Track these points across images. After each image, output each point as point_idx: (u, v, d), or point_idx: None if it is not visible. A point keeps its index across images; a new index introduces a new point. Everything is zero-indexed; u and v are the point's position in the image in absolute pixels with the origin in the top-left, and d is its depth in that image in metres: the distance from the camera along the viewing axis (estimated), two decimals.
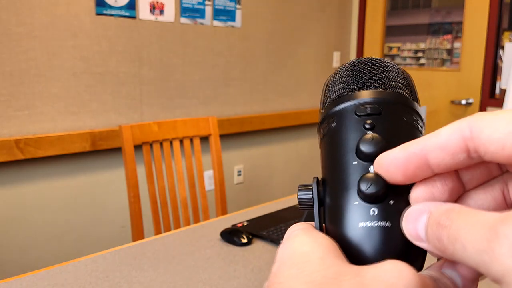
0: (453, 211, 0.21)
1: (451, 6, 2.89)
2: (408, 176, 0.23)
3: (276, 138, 2.94)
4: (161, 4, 2.24)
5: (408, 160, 0.23)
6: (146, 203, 1.83)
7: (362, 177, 0.26)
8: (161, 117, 2.31)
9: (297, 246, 0.25)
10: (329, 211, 0.28)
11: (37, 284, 0.92)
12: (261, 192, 2.90)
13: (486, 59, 2.73)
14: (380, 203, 0.25)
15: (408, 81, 0.32)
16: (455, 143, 0.22)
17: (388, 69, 0.31)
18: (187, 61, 2.39)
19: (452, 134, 0.22)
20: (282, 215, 1.34)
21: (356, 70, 0.31)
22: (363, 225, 0.25)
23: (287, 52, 2.89)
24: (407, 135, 0.28)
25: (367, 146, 0.27)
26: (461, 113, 2.86)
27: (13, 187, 1.90)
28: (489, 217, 0.19)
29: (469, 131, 0.21)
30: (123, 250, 1.09)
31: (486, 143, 0.21)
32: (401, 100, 0.29)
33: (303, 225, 0.28)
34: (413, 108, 0.30)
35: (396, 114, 0.29)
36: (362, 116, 0.28)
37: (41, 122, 1.93)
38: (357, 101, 0.29)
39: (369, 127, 0.28)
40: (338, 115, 0.30)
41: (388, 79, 0.30)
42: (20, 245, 1.94)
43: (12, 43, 1.82)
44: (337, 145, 0.29)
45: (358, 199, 0.26)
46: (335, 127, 0.29)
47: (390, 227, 0.25)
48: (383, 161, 0.24)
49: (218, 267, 1.01)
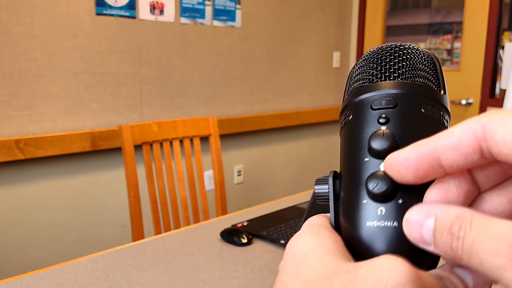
0: (465, 219, 0.20)
1: (451, 6, 2.89)
2: (419, 176, 0.23)
3: (276, 138, 2.94)
4: (161, 4, 2.24)
5: (419, 160, 0.22)
6: (146, 203, 1.83)
7: (370, 176, 0.26)
8: (161, 117, 2.31)
9: (300, 246, 0.25)
10: (342, 206, 0.28)
11: (37, 284, 0.92)
12: (261, 192, 2.90)
13: (486, 59, 2.73)
14: (389, 202, 0.25)
15: (436, 67, 0.30)
16: (468, 144, 0.21)
17: (412, 55, 0.30)
18: (187, 61, 2.39)
19: (465, 134, 0.21)
20: (282, 215, 1.34)
21: (379, 57, 0.30)
22: (371, 225, 0.25)
23: (287, 52, 2.89)
24: (424, 129, 0.27)
25: (377, 143, 0.26)
26: (461, 113, 2.86)
27: (13, 187, 1.90)
28: (507, 230, 0.18)
29: (483, 131, 0.20)
30: (123, 250, 1.09)
31: (499, 144, 0.20)
32: (421, 91, 0.28)
33: (317, 220, 0.28)
34: (435, 99, 0.28)
35: (413, 107, 0.27)
36: (377, 109, 0.28)
37: (41, 122, 1.93)
38: (373, 93, 0.28)
39: (383, 121, 0.27)
40: (355, 107, 0.29)
41: (410, 68, 0.29)
42: (20, 245, 1.94)
43: (12, 43, 1.82)
44: (352, 139, 0.28)
45: (367, 197, 0.26)
46: (351, 120, 0.29)
47: (397, 227, 0.25)
48: (393, 161, 0.23)
49: (218, 267, 1.01)
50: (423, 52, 0.31)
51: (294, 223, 1.27)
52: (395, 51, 0.30)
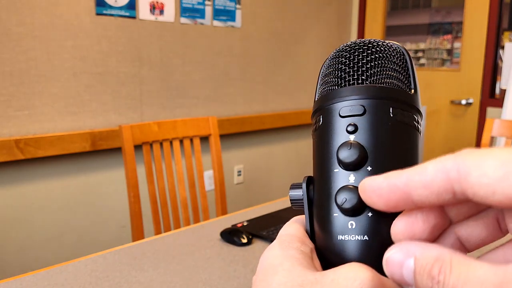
0: (445, 261, 0.19)
1: (451, 6, 2.89)
2: (390, 206, 0.22)
3: (276, 138, 2.94)
4: (161, 4, 2.24)
5: (390, 192, 0.22)
6: (146, 203, 1.83)
7: (340, 190, 0.26)
8: (161, 117, 2.31)
9: (270, 260, 0.26)
10: (316, 214, 0.28)
11: (37, 284, 0.92)
12: (261, 192, 2.90)
13: (486, 59, 2.73)
14: (358, 216, 0.25)
15: (408, 64, 0.29)
16: (440, 184, 0.20)
17: (382, 54, 0.29)
18: (187, 61, 2.39)
19: (437, 173, 0.20)
20: (282, 215, 1.34)
21: (347, 58, 0.29)
22: (342, 238, 0.25)
23: (287, 52, 2.89)
24: (394, 136, 0.26)
25: (346, 155, 0.26)
26: (461, 113, 2.86)
27: (13, 187, 1.90)
28: (487, 274, 0.18)
29: (456, 172, 0.20)
30: (123, 250, 1.09)
31: (474, 186, 0.19)
32: (389, 95, 0.27)
33: (290, 228, 0.29)
34: (405, 101, 0.27)
35: (382, 113, 0.27)
36: (345, 117, 0.27)
37: (41, 122, 1.93)
38: (341, 99, 0.28)
39: (352, 130, 0.26)
40: (324, 113, 0.28)
41: (379, 68, 0.28)
42: (20, 245, 1.94)
43: (12, 43, 1.82)
44: (322, 146, 0.28)
45: (337, 210, 0.26)
46: (321, 126, 0.28)
47: (367, 240, 0.25)
48: (367, 187, 0.23)
49: (218, 267, 1.01)
50: (393, 48, 0.30)
51: None
52: (364, 50, 0.29)
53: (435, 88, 2.98)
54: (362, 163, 0.26)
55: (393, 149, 0.26)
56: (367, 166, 0.26)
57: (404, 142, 0.27)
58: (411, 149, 0.27)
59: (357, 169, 0.26)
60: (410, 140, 0.27)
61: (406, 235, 0.23)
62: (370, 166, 0.26)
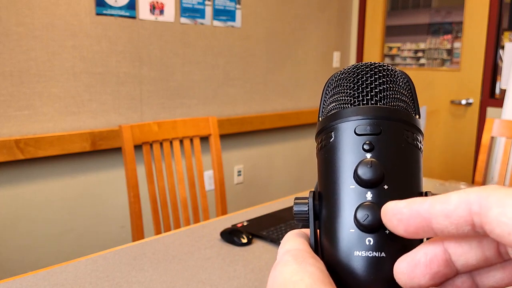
0: None
1: (451, 6, 2.89)
2: (409, 232, 0.23)
3: (276, 138, 2.94)
4: (161, 4, 2.24)
5: (411, 218, 0.22)
6: (146, 203, 1.83)
7: (360, 206, 0.26)
8: (161, 117, 2.31)
9: (288, 276, 0.25)
10: (325, 229, 0.28)
11: (37, 284, 0.92)
12: (261, 192, 2.90)
13: (486, 59, 2.73)
14: (376, 233, 0.25)
15: (412, 89, 0.30)
16: (461, 214, 0.21)
17: (391, 78, 0.30)
18: (187, 61, 2.39)
19: (460, 204, 0.21)
20: (282, 215, 1.34)
21: (356, 77, 0.30)
22: (359, 254, 0.26)
23: (287, 52, 2.89)
24: (407, 158, 0.27)
25: (365, 172, 0.26)
26: (461, 113, 2.86)
27: (13, 187, 1.90)
28: None
29: (479, 205, 0.20)
30: (123, 250, 1.09)
31: (493, 223, 0.20)
32: (403, 118, 0.28)
33: (296, 244, 0.28)
34: (414, 125, 0.29)
35: (396, 134, 0.28)
36: (361, 135, 0.27)
37: (41, 122, 1.93)
38: (357, 117, 0.28)
39: (368, 148, 0.27)
40: (337, 130, 0.29)
41: (391, 91, 0.29)
42: (20, 245, 1.94)
43: (12, 43, 1.82)
44: (335, 163, 0.28)
45: (354, 226, 0.26)
46: (333, 143, 0.28)
47: (384, 257, 0.25)
48: (388, 211, 0.24)
49: (218, 267, 1.01)
50: (399, 74, 0.30)
51: (294, 223, 1.27)
52: (376, 72, 0.30)
53: (435, 88, 2.98)
54: (380, 181, 0.26)
55: (405, 169, 0.27)
56: (384, 185, 0.26)
57: (413, 162, 0.28)
58: (418, 168, 0.28)
59: (374, 187, 0.26)
60: (417, 161, 0.28)
61: (407, 276, 0.23)
62: (387, 184, 0.26)
